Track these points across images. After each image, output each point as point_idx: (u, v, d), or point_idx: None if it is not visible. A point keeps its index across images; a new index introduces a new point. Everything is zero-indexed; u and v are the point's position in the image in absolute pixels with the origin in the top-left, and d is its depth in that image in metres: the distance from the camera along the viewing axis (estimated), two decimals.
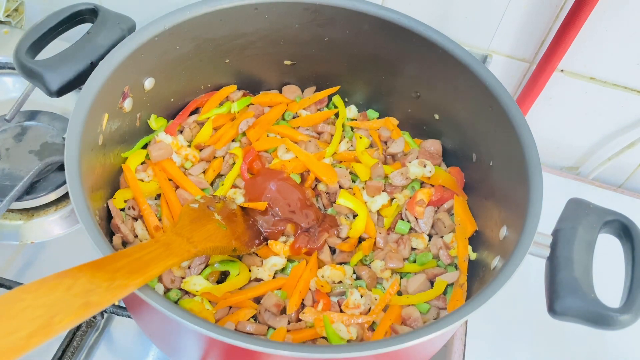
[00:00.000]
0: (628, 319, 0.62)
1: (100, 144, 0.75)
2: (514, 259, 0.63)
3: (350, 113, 0.98)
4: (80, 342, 0.81)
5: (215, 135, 0.91)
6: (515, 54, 1.03)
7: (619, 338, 0.85)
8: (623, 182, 1.19)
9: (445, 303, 0.77)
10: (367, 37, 0.88)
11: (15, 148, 0.98)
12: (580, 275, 0.65)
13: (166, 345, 0.75)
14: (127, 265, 0.54)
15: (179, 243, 0.65)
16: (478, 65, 0.80)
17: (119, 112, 0.79)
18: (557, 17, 0.95)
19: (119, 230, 0.77)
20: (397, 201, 0.88)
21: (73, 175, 0.64)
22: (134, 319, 0.79)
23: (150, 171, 0.84)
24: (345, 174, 0.89)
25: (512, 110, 0.76)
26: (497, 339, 0.90)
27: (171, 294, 0.75)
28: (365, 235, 0.84)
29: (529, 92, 1.03)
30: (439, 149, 0.92)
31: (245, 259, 0.80)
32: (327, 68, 0.96)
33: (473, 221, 0.84)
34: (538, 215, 0.66)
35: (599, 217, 0.70)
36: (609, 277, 0.74)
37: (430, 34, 0.83)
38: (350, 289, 0.78)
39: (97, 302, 0.48)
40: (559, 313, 0.65)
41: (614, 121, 1.09)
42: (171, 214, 0.81)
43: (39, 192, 0.93)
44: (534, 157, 0.71)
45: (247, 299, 0.75)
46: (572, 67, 1.02)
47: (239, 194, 0.85)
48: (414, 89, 0.92)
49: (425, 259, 0.81)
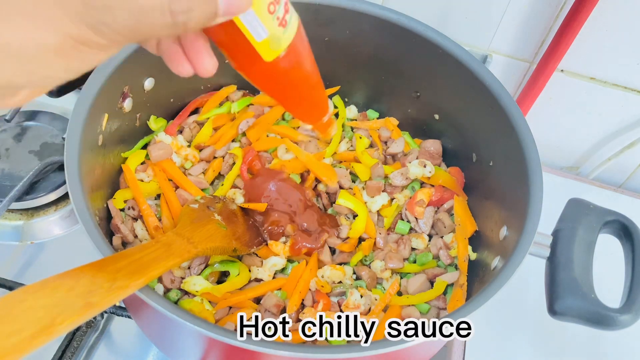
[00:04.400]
0: (628, 319, 0.63)
1: (100, 144, 0.75)
2: (514, 259, 0.63)
3: (350, 113, 0.98)
4: (80, 342, 0.81)
5: (215, 136, 0.91)
6: (515, 54, 1.03)
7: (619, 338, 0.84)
8: (623, 182, 1.19)
9: (445, 303, 0.77)
10: (367, 37, 0.88)
11: (15, 148, 0.98)
12: (580, 276, 0.65)
13: (166, 345, 0.75)
14: (128, 266, 0.54)
15: (180, 243, 0.65)
16: (478, 65, 0.80)
17: (119, 112, 0.79)
18: (557, 17, 0.95)
19: (119, 230, 0.77)
20: (397, 201, 0.88)
21: (73, 175, 0.64)
22: (134, 319, 0.79)
23: (150, 171, 0.84)
24: (345, 174, 0.89)
25: (512, 110, 0.76)
26: (497, 339, 0.90)
27: (171, 294, 0.75)
28: (365, 236, 0.84)
29: (529, 92, 1.03)
30: (439, 149, 0.92)
31: (245, 259, 0.80)
32: (327, 68, 0.94)
33: (473, 221, 0.84)
34: (538, 215, 0.66)
35: (599, 217, 0.71)
36: (609, 277, 0.74)
37: (430, 34, 0.83)
38: (350, 289, 0.78)
39: (98, 303, 0.48)
40: (559, 313, 0.65)
41: (614, 121, 1.09)
42: (171, 214, 0.81)
43: (39, 192, 0.93)
44: (534, 157, 0.71)
45: (247, 299, 0.75)
46: (572, 67, 1.02)
47: (238, 194, 0.85)
48: (414, 89, 0.92)
49: (425, 259, 0.81)
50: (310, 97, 0.51)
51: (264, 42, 0.40)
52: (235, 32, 0.39)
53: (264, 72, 0.43)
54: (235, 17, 0.38)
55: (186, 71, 0.42)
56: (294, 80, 0.46)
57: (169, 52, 0.41)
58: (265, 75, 0.44)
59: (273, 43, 0.41)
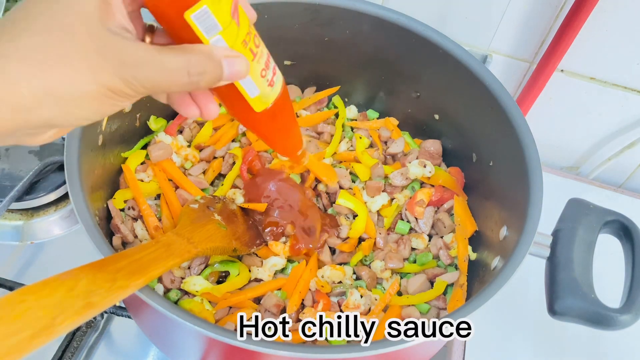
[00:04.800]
0: (628, 319, 0.63)
1: (100, 144, 0.75)
2: (514, 259, 0.63)
3: (350, 113, 0.98)
4: (80, 342, 0.81)
5: (215, 136, 0.91)
6: (515, 54, 1.03)
7: (619, 338, 0.85)
8: (623, 182, 1.19)
9: (445, 303, 0.77)
10: (367, 37, 0.88)
11: (15, 148, 0.98)
12: (580, 276, 0.65)
13: (166, 345, 0.75)
14: (128, 266, 0.54)
15: (180, 243, 0.65)
16: (478, 65, 0.80)
17: (119, 112, 0.79)
18: (557, 17, 0.95)
19: (119, 230, 0.77)
20: (397, 201, 0.88)
21: (73, 175, 0.64)
22: (134, 319, 0.79)
23: (150, 171, 0.84)
24: (345, 174, 0.89)
25: (512, 110, 0.76)
26: (497, 339, 0.90)
27: (171, 294, 0.75)
28: (365, 236, 0.84)
29: (529, 92, 1.03)
30: (439, 149, 0.92)
31: (245, 259, 0.80)
32: (327, 68, 0.96)
33: (473, 221, 0.84)
34: (538, 215, 0.66)
35: (599, 217, 0.71)
36: (609, 277, 0.74)
37: (430, 34, 0.83)
38: (350, 289, 0.78)
39: (98, 303, 0.48)
40: (559, 313, 0.65)
41: (614, 121, 1.09)
42: (171, 214, 0.81)
43: (38, 192, 0.93)
44: (534, 157, 0.71)
45: (247, 299, 0.75)
46: (572, 67, 1.02)
47: (238, 194, 0.85)
48: (414, 89, 0.92)
49: (425, 259, 0.81)
50: (288, 137, 0.61)
51: (256, 98, 0.51)
52: (234, 90, 0.50)
53: (254, 120, 0.54)
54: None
55: (194, 114, 0.51)
56: (276, 125, 0.57)
57: (179, 100, 0.50)
58: (255, 121, 0.55)
59: (263, 99, 0.52)
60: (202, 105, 0.50)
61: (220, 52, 0.43)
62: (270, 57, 0.51)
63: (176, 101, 0.50)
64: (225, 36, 0.44)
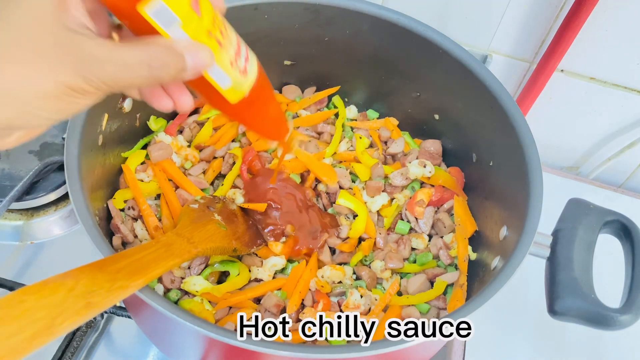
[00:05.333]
0: (628, 319, 0.63)
1: (100, 144, 0.75)
2: (514, 259, 0.63)
3: (350, 113, 0.98)
4: (80, 342, 0.81)
5: (215, 136, 0.91)
6: (515, 54, 1.03)
7: (619, 338, 0.85)
8: (623, 182, 1.19)
9: (445, 303, 0.77)
10: (367, 37, 0.88)
11: (15, 148, 0.97)
12: (580, 276, 0.65)
13: (166, 345, 0.75)
14: (128, 266, 0.54)
15: (180, 244, 0.65)
16: (478, 65, 0.80)
17: (119, 112, 0.79)
18: (557, 17, 0.95)
19: (119, 230, 0.77)
20: (397, 201, 0.88)
21: (73, 175, 0.64)
22: (134, 319, 0.79)
23: (150, 171, 0.84)
24: (345, 174, 0.89)
25: (512, 110, 0.76)
26: (497, 339, 0.90)
27: (171, 294, 0.75)
28: (365, 236, 0.84)
29: (529, 92, 1.03)
30: (439, 149, 0.92)
31: (245, 260, 0.80)
32: (327, 68, 0.96)
33: (473, 221, 0.84)
34: (538, 215, 0.66)
35: (599, 217, 0.71)
36: (609, 277, 0.74)
37: (430, 34, 0.83)
38: (350, 289, 0.78)
39: (98, 303, 0.48)
40: (559, 313, 0.65)
41: (614, 121, 1.09)
42: (171, 214, 0.81)
43: (38, 192, 0.92)
44: (534, 157, 0.71)
45: (247, 299, 0.75)
46: (572, 67, 1.02)
47: (238, 194, 0.85)
48: (414, 89, 0.92)
49: (425, 259, 0.81)
50: (271, 121, 0.60)
51: (230, 89, 0.49)
52: (206, 82, 0.47)
53: (232, 110, 0.52)
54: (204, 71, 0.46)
55: (167, 106, 0.49)
56: (257, 112, 0.55)
57: (150, 93, 0.49)
58: (234, 111, 0.53)
59: (237, 88, 0.50)
60: (175, 97, 0.49)
61: (181, 44, 0.42)
62: (243, 45, 0.50)
63: (148, 94, 0.49)
64: (186, 28, 0.42)
